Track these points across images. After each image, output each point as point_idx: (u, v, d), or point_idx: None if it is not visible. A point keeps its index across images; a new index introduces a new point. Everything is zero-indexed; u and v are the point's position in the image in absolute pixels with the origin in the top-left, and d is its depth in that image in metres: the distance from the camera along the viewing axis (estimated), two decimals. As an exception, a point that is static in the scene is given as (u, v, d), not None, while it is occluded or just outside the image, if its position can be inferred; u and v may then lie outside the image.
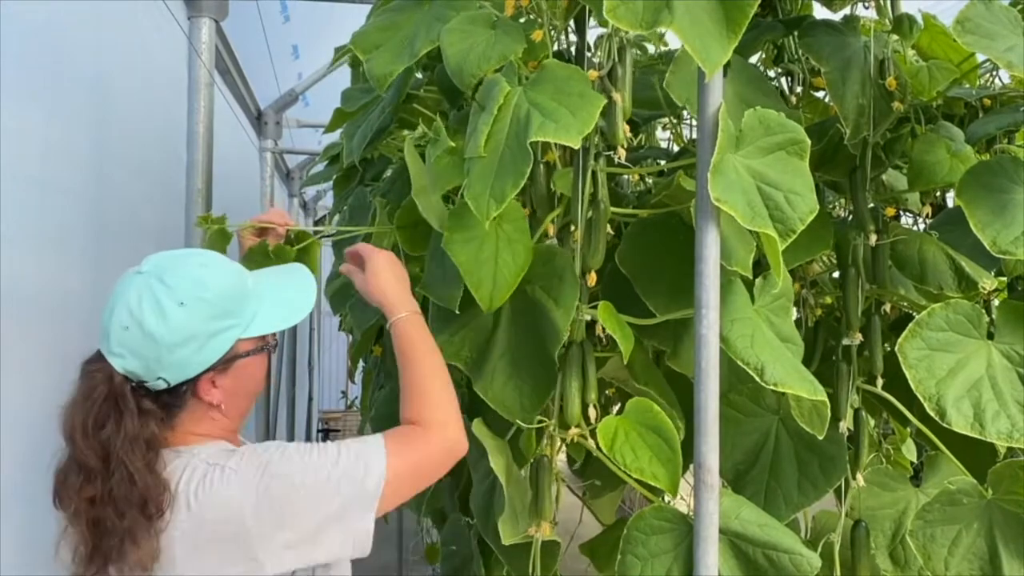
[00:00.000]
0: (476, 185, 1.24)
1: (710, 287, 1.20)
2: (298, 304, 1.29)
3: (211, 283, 1.17)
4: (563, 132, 1.20)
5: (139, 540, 1.09)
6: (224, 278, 1.20)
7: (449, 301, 1.43)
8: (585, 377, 1.42)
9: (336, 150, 2.51)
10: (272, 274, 1.34)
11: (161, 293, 1.13)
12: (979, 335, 1.43)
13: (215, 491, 1.11)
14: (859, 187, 1.63)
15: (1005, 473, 1.47)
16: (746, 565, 1.30)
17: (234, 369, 1.21)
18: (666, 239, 1.51)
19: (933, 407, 1.38)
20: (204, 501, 1.11)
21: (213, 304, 1.16)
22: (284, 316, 1.26)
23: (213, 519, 1.10)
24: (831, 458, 1.55)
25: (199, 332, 1.14)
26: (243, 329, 1.20)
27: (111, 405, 1.12)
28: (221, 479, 1.12)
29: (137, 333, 1.12)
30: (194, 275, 1.17)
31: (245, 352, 1.21)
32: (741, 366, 1.29)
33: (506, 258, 1.38)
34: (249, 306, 1.21)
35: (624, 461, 1.31)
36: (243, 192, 3.87)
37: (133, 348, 1.13)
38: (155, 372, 1.14)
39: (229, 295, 1.18)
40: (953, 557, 1.51)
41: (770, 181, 1.26)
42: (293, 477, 1.12)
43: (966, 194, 1.40)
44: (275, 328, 1.25)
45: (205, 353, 1.16)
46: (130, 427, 1.11)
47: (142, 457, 1.11)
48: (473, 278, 1.38)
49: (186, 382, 1.17)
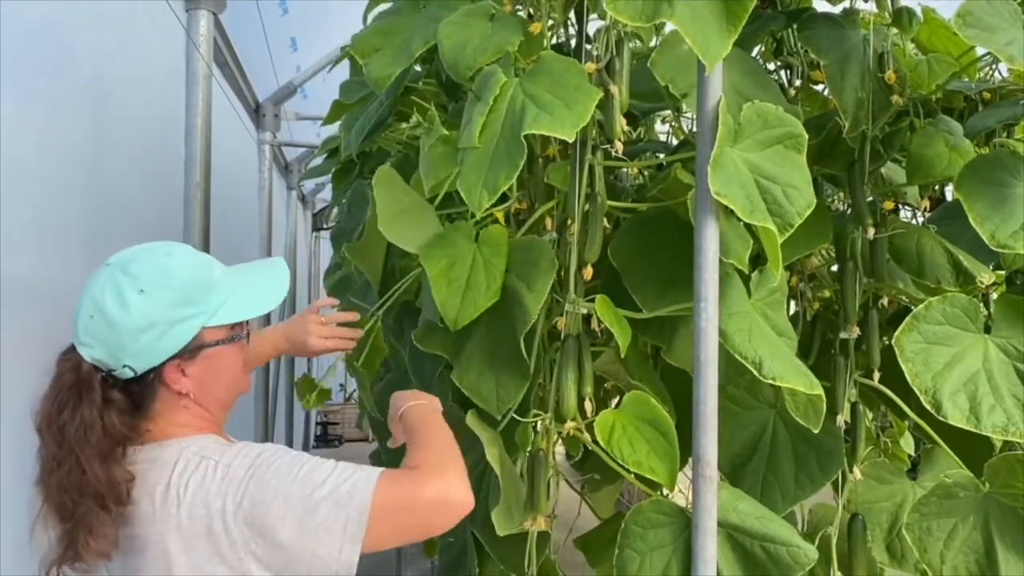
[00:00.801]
0: (469, 176, 1.24)
1: (709, 280, 1.20)
2: (269, 294, 1.28)
3: (174, 271, 1.17)
4: (557, 125, 1.20)
5: (94, 530, 1.09)
6: (188, 267, 1.19)
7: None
8: (581, 370, 1.42)
9: (335, 143, 2.50)
10: (246, 267, 1.34)
11: (123, 282, 1.14)
12: (976, 329, 1.43)
13: (205, 486, 1.11)
14: (857, 181, 1.63)
15: (1001, 467, 1.47)
16: (744, 558, 1.30)
17: (203, 358, 1.19)
18: (660, 234, 1.51)
19: (929, 400, 1.38)
20: (195, 495, 1.10)
21: (175, 291, 1.15)
22: (252, 305, 1.25)
23: (202, 514, 1.10)
24: (828, 451, 1.55)
25: (160, 319, 1.14)
26: (208, 317, 1.18)
27: (74, 393, 1.13)
28: (213, 474, 1.12)
29: (100, 321, 1.13)
30: (157, 264, 1.17)
31: (213, 341, 1.20)
32: (739, 360, 1.30)
33: (478, 280, 1.39)
34: (215, 295, 1.20)
35: (622, 455, 1.32)
36: (241, 185, 3.87)
37: (98, 336, 1.13)
38: (120, 359, 1.14)
39: (192, 283, 1.18)
40: (949, 550, 1.51)
41: (768, 175, 1.26)
42: (279, 487, 1.10)
43: (965, 188, 1.40)
44: (242, 316, 1.23)
45: (168, 340, 1.15)
46: (86, 415, 1.11)
47: (94, 447, 1.10)
48: (441, 295, 1.39)
49: (152, 370, 1.16)
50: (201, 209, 2.25)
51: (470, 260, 1.39)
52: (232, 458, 1.13)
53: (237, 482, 1.10)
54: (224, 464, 1.12)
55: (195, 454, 1.15)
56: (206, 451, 1.15)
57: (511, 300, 1.38)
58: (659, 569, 1.31)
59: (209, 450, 1.15)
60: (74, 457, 1.10)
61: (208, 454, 1.14)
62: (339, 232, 2.33)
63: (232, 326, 1.23)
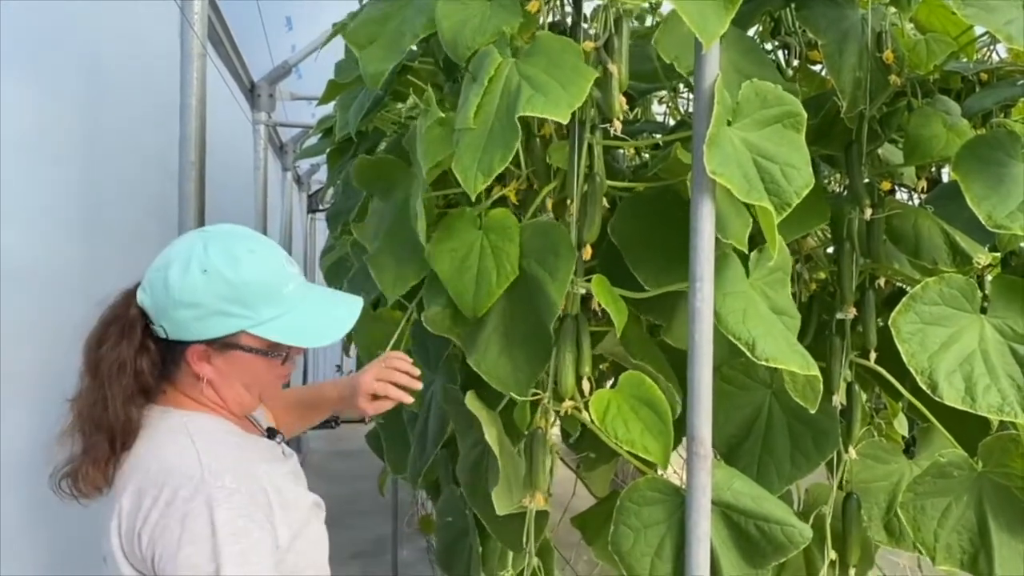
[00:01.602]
0: (465, 157, 1.24)
1: (704, 260, 1.20)
2: (324, 331, 1.26)
3: (243, 268, 1.17)
4: (552, 106, 1.20)
5: (97, 463, 1.14)
6: (259, 271, 1.19)
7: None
8: (579, 350, 1.42)
9: (330, 123, 2.49)
10: (324, 294, 1.33)
11: (196, 255, 1.17)
12: (972, 309, 1.43)
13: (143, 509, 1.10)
14: (855, 161, 1.62)
15: (996, 446, 1.48)
16: (738, 536, 1.31)
17: (230, 355, 1.20)
18: (660, 213, 1.51)
19: (925, 381, 1.38)
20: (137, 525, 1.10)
21: (232, 287, 1.16)
22: (301, 334, 1.24)
23: (161, 483, 1.11)
24: (824, 431, 1.56)
25: (205, 304, 1.16)
26: (252, 324, 1.19)
27: (116, 330, 1.18)
28: (154, 501, 1.09)
29: (160, 278, 1.17)
30: (233, 253, 1.18)
31: (248, 347, 1.20)
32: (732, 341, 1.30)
33: (488, 266, 1.38)
34: (270, 308, 1.19)
35: (616, 434, 1.32)
36: (237, 166, 3.85)
37: (154, 288, 1.18)
38: (159, 318, 1.17)
39: (253, 288, 1.18)
40: (943, 529, 1.52)
41: (766, 154, 1.25)
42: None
43: (962, 168, 1.40)
44: (284, 340, 1.22)
45: (203, 325, 1.17)
46: (123, 353, 1.16)
47: (122, 386, 1.15)
48: (455, 287, 1.40)
49: (181, 342, 1.19)
50: (196, 189, 2.25)
51: (478, 248, 1.39)
52: (214, 470, 1.11)
53: (199, 495, 1.08)
54: (204, 465, 1.12)
55: (187, 433, 1.16)
56: (198, 436, 1.16)
57: (531, 287, 1.38)
58: (653, 546, 1.32)
59: (202, 438, 1.16)
60: (102, 391, 1.15)
61: (199, 442, 1.15)
62: (335, 213, 2.33)
63: (273, 343, 1.23)
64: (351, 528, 5.17)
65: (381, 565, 4.53)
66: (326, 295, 1.33)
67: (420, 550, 4.49)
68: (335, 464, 6.79)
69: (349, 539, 4.98)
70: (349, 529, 5.16)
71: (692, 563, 1.23)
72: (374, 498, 3.96)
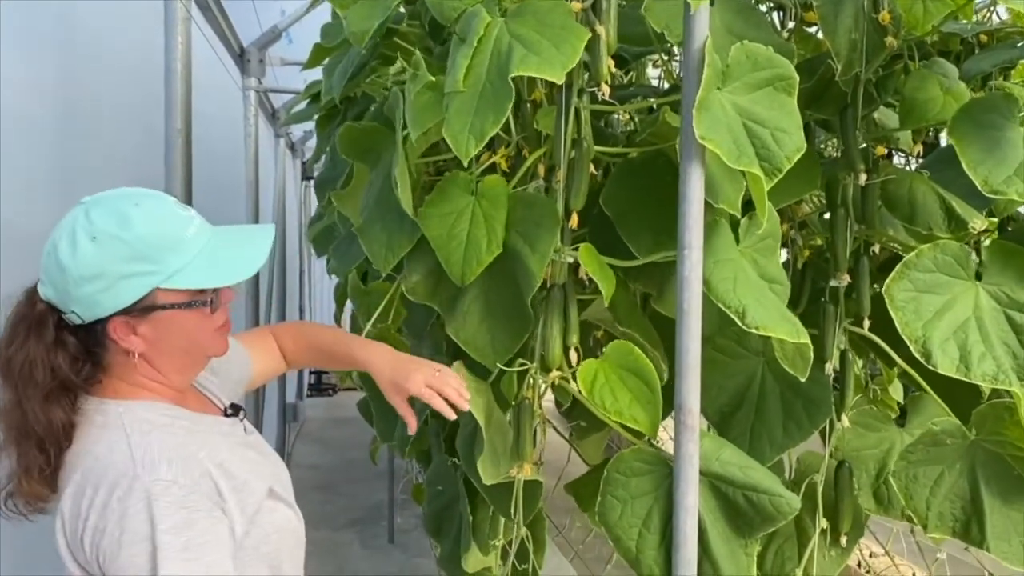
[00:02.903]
0: (455, 122, 1.20)
1: (693, 227, 1.17)
2: (240, 265, 1.17)
3: (134, 223, 1.08)
4: (547, 66, 1.16)
5: (31, 471, 1.07)
6: (152, 221, 1.10)
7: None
8: (567, 320, 1.40)
9: (317, 87, 2.45)
10: (229, 230, 1.23)
11: (80, 225, 1.08)
12: (967, 276, 1.41)
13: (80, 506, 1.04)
14: (850, 125, 1.59)
15: (989, 414, 1.47)
16: (726, 507, 1.30)
17: (155, 319, 1.12)
18: (652, 180, 1.48)
19: (919, 349, 1.37)
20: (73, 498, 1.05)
21: (128, 244, 1.07)
22: (217, 274, 1.14)
23: (95, 482, 1.05)
24: (816, 400, 1.54)
25: (107, 271, 1.07)
26: (163, 279, 1.10)
27: (24, 328, 1.09)
28: (90, 501, 1.04)
29: (53, 261, 1.09)
30: (119, 212, 1.09)
31: (169, 304, 1.12)
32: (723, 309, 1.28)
33: (479, 234, 1.36)
34: (177, 256, 1.11)
35: (604, 404, 1.31)
36: (228, 133, 3.80)
37: (50, 275, 1.09)
38: (67, 304, 1.09)
39: (152, 239, 1.09)
40: (935, 497, 1.51)
41: (757, 118, 1.23)
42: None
43: (958, 131, 1.37)
44: (201, 285, 1.13)
45: (113, 295, 1.08)
46: (32, 352, 1.07)
47: (39, 387, 1.07)
48: (444, 253, 1.37)
49: (99, 321, 1.10)
50: (182, 155, 2.21)
51: (469, 214, 1.37)
52: (147, 462, 1.05)
53: (135, 491, 1.03)
54: (136, 460, 1.05)
55: (121, 426, 1.09)
56: (132, 428, 1.09)
57: (512, 258, 1.36)
58: (641, 517, 1.31)
59: (136, 429, 1.09)
60: (16, 394, 1.08)
61: (132, 433, 1.08)
62: (323, 180, 2.29)
63: (195, 291, 1.14)
64: (347, 495, 5.21)
65: (377, 531, 4.56)
66: (233, 231, 1.23)
67: (416, 516, 4.51)
68: (332, 432, 6.82)
69: (345, 506, 5.02)
70: (345, 496, 5.19)
71: (680, 534, 1.22)
72: (370, 465, 3.98)
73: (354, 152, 1.63)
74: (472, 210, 1.36)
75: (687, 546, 1.22)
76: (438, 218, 1.37)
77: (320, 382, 8.83)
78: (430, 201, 1.38)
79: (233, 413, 1.29)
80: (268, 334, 1.55)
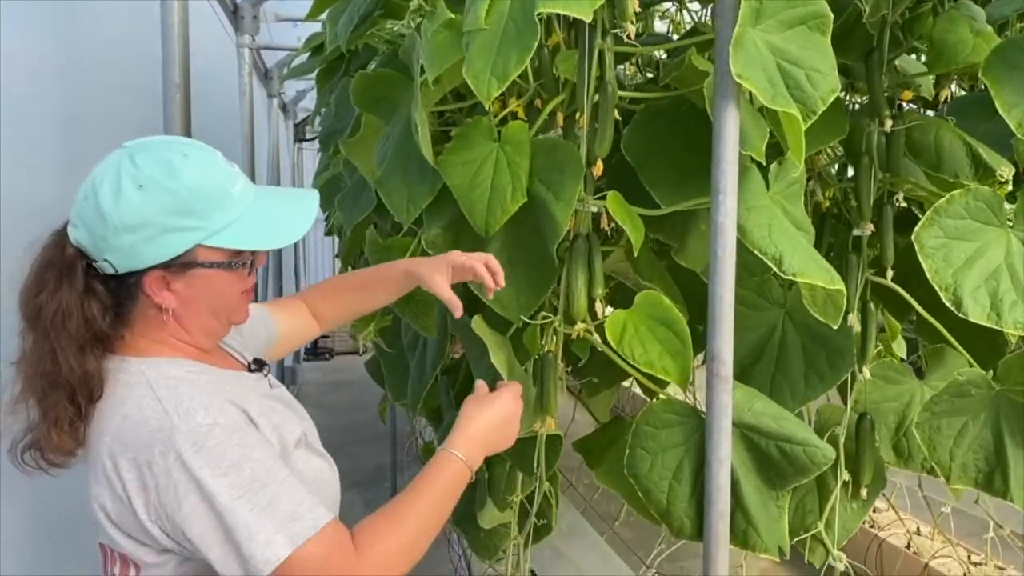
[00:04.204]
0: (476, 61, 1.15)
1: (728, 171, 1.13)
2: (285, 228, 1.13)
3: (183, 174, 1.04)
4: (574, 3, 1.11)
5: (60, 424, 1.03)
6: (201, 174, 1.06)
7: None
8: (591, 271, 1.37)
9: (319, 39, 2.39)
10: (275, 191, 1.20)
11: (125, 171, 1.03)
12: (999, 223, 1.37)
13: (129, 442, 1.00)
14: (875, 70, 1.55)
15: (1015, 364, 1.45)
16: (759, 458, 1.28)
17: (192, 276, 1.08)
18: (674, 126, 1.44)
19: (949, 297, 1.34)
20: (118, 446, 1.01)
21: (177, 196, 1.03)
22: (262, 236, 1.10)
23: (129, 442, 1.01)
24: (838, 351, 1.52)
25: (151, 222, 1.03)
26: (206, 235, 1.06)
27: (54, 275, 1.05)
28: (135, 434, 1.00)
29: (92, 207, 1.03)
30: (168, 161, 1.04)
31: (208, 262, 1.08)
32: (755, 257, 1.24)
33: (503, 181, 1.31)
34: (223, 213, 1.07)
35: (633, 355, 1.28)
36: (221, 92, 3.73)
37: (87, 221, 1.04)
38: (102, 251, 1.04)
39: (200, 193, 1.05)
40: (959, 448, 1.50)
41: (791, 58, 1.18)
42: (195, 507, 0.97)
43: (992, 73, 1.33)
44: (245, 246, 1.10)
45: (154, 247, 1.04)
46: (65, 300, 1.03)
47: (73, 336, 1.03)
48: (467, 202, 1.33)
49: (134, 273, 1.06)
50: (181, 111, 2.16)
51: (493, 161, 1.32)
52: (181, 412, 1.00)
53: (174, 445, 0.98)
54: (169, 412, 1.00)
55: (147, 383, 1.04)
56: (159, 385, 1.04)
57: (535, 207, 1.32)
58: (671, 469, 1.29)
59: (162, 386, 1.04)
60: (49, 344, 1.03)
61: (160, 390, 1.03)
62: (328, 134, 2.24)
63: (235, 251, 1.10)
64: (349, 457, 5.19)
65: (380, 492, 4.56)
66: (278, 192, 1.21)
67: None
68: (330, 395, 6.80)
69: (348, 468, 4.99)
70: (348, 458, 5.17)
71: (713, 485, 1.20)
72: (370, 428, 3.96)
73: (366, 101, 1.57)
74: (496, 157, 1.32)
75: (720, 498, 1.20)
76: (460, 166, 1.32)
77: (316, 347, 8.81)
78: (451, 149, 1.34)
79: (257, 368, 1.25)
80: (295, 298, 1.51)
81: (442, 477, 1.13)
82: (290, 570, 0.96)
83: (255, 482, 0.98)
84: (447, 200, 1.37)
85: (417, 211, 1.41)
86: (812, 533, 1.61)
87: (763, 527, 1.27)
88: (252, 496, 0.97)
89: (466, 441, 1.17)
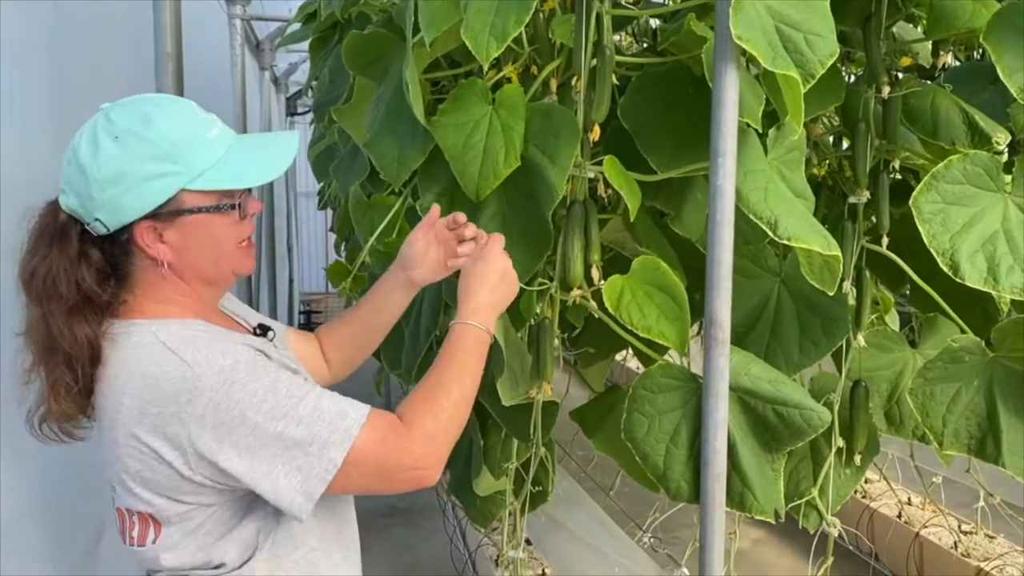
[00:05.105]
0: (475, 22, 1.14)
1: (727, 134, 1.13)
2: (266, 165, 1.14)
3: (157, 122, 1.05)
4: (571, -38, 1.10)
5: (59, 390, 1.04)
6: (174, 121, 1.07)
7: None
8: (588, 237, 1.37)
9: (312, 7, 2.37)
10: (252, 136, 1.22)
11: (101, 127, 1.05)
12: (996, 188, 1.37)
13: (161, 384, 1.01)
14: (873, 36, 1.55)
15: (1009, 331, 1.45)
16: (755, 421, 1.28)
17: (182, 224, 1.08)
18: (672, 92, 1.43)
19: (947, 262, 1.34)
20: (148, 389, 1.02)
21: (153, 144, 1.04)
22: (245, 175, 1.11)
23: (153, 412, 1.01)
24: (833, 318, 1.52)
25: (131, 171, 1.03)
26: (188, 179, 1.06)
27: (46, 240, 1.06)
28: (175, 371, 1.01)
29: (75, 167, 1.04)
30: (141, 112, 1.06)
31: (195, 207, 1.08)
32: (751, 225, 1.24)
33: (496, 144, 1.31)
34: (202, 156, 1.07)
35: (631, 320, 1.28)
36: (212, 65, 3.69)
37: (72, 183, 1.05)
38: (91, 211, 1.05)
39: (175, 138, 1.06)
40: (952, 414, 1.51)
41: (790, 21, 1.18)
42: (246, 413, 1.00)
43: (993, 37, 1.32)
44: (229, 185, 1.10)
45: (138, 197, 1.04)
46: (56, 265, 1.04)
47: (64, 301, 1.03)
48: (459, 165, 1.32)
49: (124, 229, 1.06)
50: (174, 81, 2.13)
51: (486, 124, 1.32)
52: (201, 360, 1.02)
53: (202, 391, 1.00)
54: (190, 363, 1.02)
55: (160, 342, 1.04)
56: (173, 343, 1.04)
57: (530, 172, 1.31)
58: (668, 432, 1.30)
59: (176, 343, 1.04)
60: (41, 309, 1.05)
61: (175, 347, 1.04)
62: (321, 103, 2.22)
63: (221, 194, 1.10)
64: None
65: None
66: (257, 136, 1.23)
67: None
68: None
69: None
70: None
71: (709, 449, 1.21)
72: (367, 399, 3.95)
73: (358, 63, 1.56)
74: (489, 119, 1.31)
75: (717, 461, 1.20)
76: (453, 128, 1.32)
77: (310, 322, 8.80)
78: (444, 110, 1.33)
79: (262, 333, 1.26)
80: (309, 334, 1.49)
81: (464, 348, 1.17)
82: (351, 464, 1.01)
83: (291, 398, 1.02)
84: (441, 165, 1.36)
85: (407, 172, 1.41)
86: (807, 499, 1.62)
87: (759, 490, 1.28)
88: (294, 411, 1.01)
89: (474, 310, 1.20)
